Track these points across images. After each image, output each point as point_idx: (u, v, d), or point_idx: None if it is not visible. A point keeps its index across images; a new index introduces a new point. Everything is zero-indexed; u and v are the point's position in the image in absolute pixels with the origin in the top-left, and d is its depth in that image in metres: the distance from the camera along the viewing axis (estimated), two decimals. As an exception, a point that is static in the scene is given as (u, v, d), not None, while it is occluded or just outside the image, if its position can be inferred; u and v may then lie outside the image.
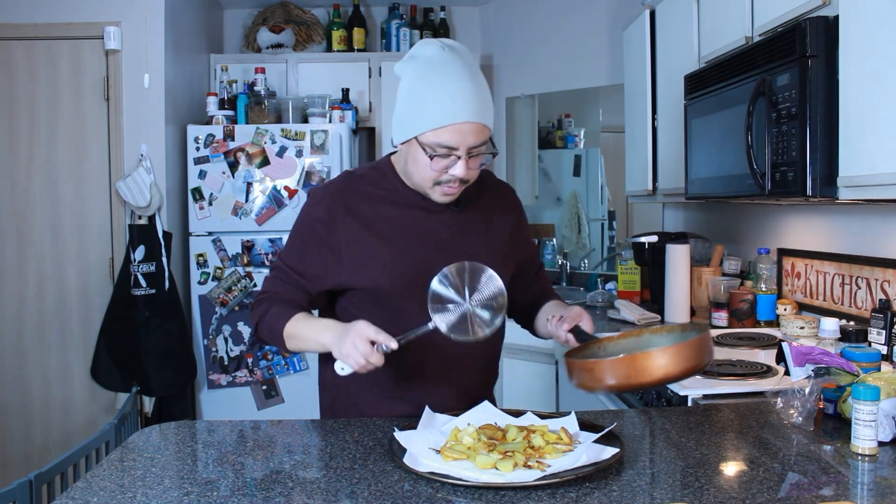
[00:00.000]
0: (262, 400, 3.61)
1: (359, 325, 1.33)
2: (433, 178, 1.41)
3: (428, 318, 1.34)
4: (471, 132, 1.36)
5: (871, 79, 1.56)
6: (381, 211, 1.48)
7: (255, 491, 1.16)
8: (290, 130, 3.58)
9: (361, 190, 1.50)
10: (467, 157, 1.38)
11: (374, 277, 1.46)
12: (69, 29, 3.36)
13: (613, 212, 4.17)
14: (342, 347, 1.33)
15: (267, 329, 1.50)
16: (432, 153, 1.37)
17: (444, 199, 1.45)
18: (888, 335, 1.89)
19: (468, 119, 1.35)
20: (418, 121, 1.37)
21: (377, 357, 1.31)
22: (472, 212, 1.54)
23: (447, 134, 1.35)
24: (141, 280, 3.36)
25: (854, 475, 1.22)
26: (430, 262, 1.42)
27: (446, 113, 1.35)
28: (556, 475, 1.14)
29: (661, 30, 2.90)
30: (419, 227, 1.48)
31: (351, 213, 1.47)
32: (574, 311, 1.49)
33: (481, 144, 1.39)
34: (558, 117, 4.37)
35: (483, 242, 1.53)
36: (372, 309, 1.47)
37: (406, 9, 4.36)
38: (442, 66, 1.37)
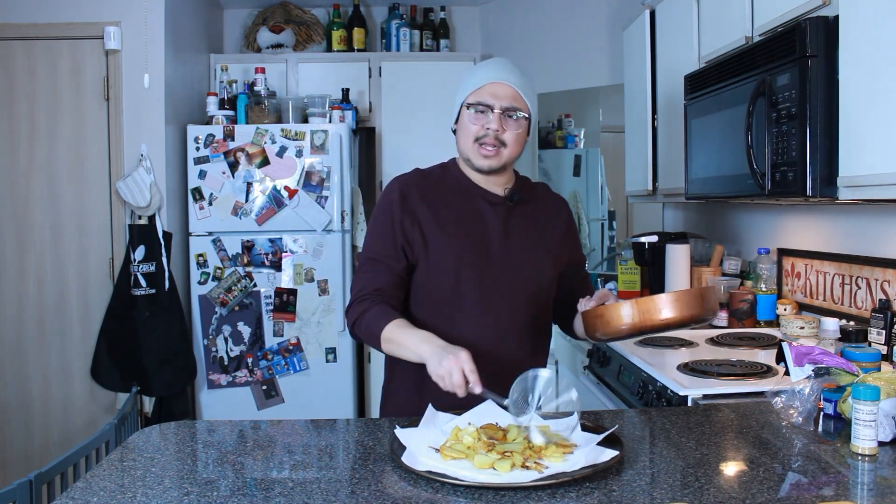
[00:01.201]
0: (262, 400, 3.61)
1: (462, 354, 1.38)
2: (473, 133, 1.59)
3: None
4: (505, 94, 1.57)
5: (871, 79, 1.56)
6: (447, 199, 1.64)
7: (255, 491, 1.16)
8: (290, 130, 3.58)
9: (430, 181, 1.67)
10: (502, 115, 1.57)
11: (438, 254, 1.59)
12: (69, 29, 3.36)
13: (613, 212, 4.17)
14: (439, 368, 1.38)
15: (365, 329, 1.55)
16: (471, 105, 1.58)
17: (485, 163, 1.60)
18: (888, 335, 1.89)
19: (503, 80, 1.58)
20: (464, 90, 1.62)
21: (462, 391, 1.36)
22: (528, 212, 1.69)
23: (484, 91, 1.58)
24: (141, 280, 3.36)
25: (854, 475, 1.22)
26: (486, 247, 1.60)
27: (485, 76, 1.60)
28: (553, 476, 1.14)
29: (661, 30, 2.90)
30: (479, 215, 1.63)
31: (422, 198, 1.63)
32: (602, 291, 1.60)
33: (514, 108, 1.58)
34: (558, 117, 4.37)
35: (533, 237, 1.67)
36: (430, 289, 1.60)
37: (406, 9, 4.36)
38: (492, 59, 1.69)
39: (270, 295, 3.58)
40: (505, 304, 1.61)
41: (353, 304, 1.59)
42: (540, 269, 1.66)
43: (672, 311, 1.42)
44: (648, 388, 1.93)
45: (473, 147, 1.60)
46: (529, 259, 1.64)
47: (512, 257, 1.62)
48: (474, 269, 1.59)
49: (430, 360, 1.41)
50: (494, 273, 1.60)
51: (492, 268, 1.60)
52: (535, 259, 1.65)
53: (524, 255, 1.63)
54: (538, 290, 1.67)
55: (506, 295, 1.61)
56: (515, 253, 1.62)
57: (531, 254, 1.64)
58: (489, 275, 1.60)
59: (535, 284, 1.66)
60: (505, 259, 1.61)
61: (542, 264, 1.66)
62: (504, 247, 1.62)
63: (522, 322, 1.64)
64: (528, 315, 1.65)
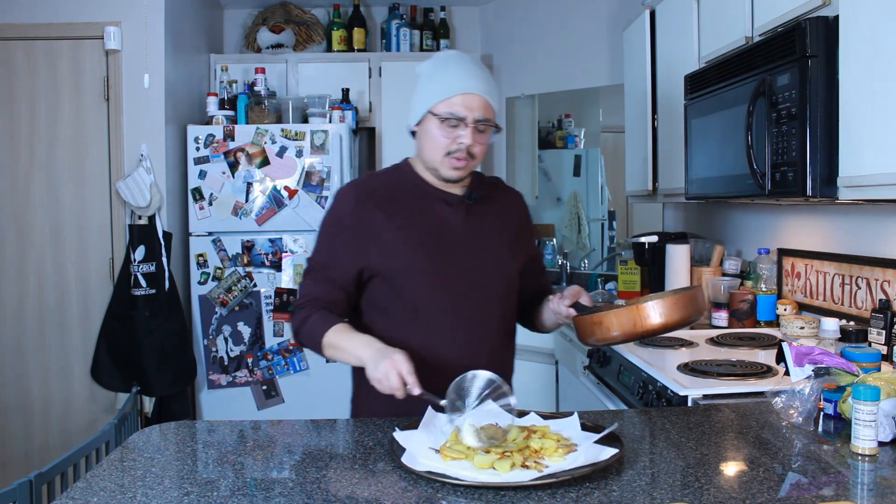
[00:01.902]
0: (262, 400, 3.61)
1: (397, 356, 1.39)
2: (444, 147, 1.53)
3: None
4: (478, 105, 1.52)
5: (871, 79, 1.56)
6: (403, 203, 1.59)
7: (255, 491, 1.16)
8: (290, 130, 3.58)
9: (384, 185, 1.62)
10: (474, 128, 1.52)
11: (398, 262, 1.55)
12: (69, 29, 3.36)
13: (613, 212, 4.17)
14: (376, 371, 1.40)
15: (307, 335, 1.55)
16: (442, 118, 1.52)
17: (454, 174, 1.56)
18: (888, 335, 1.89)
19: (475, 91, 1.52)
20: (432, 95, 1.54)
21: (401, 393, 1.38)
22: (486, 209, 1.65)
23: (456, 103, 1.51)
24: (141, 280, 3.36)
25: (854, 475, 1.22)
26: (448, 249, 1.57)
27: (456, 85, 1.52)
28: (552, 475, 1.14)
29: (661, 30, 2.90)
30: (438, 217, 1.59)
31: (376, 205, 1.57)
32: (573, 288, 1.60)
33: (486, 120, 1.54)
34: (558, 117, 4.37)
35: (495, 234, 1.64)
36: (394, 298, 1.57)
37: (406, 9, 4.36)
38: (455, 57, 1.59)
39: (270, 295, 3.58)
40: (476, 305, 1.58)
41: (294, 312, 1.59)
42: (506, 267, 1.65)
43: (668, 315, 1.45)
44: (648, 388, 1.93)
45: (443, 159, 1.54)
46: (494, 257, 1.62)
47: (477, 257, 1.59)
48: (441, 273, 1.55)
49: (368, 363, 1.42)
50: (462, 275, 1.57)
51: (457, 270, 1.57)
52: (499, 256, 1.63)
53: (489, 254, 1.61)
54: (506, 288, 1.66)
55: (476, 296, 1.58)
56: (480, 252, 1.60)
57: (495, 251, 1.62)
58: (457, 278, 1.57)
59: (503, 282, 1.64)
60: (470, 260, 1.58)
61: (507, 261, 1.65)
62: (468, 247, 1.58)
63: (494, 321, 1.63)
64: (498, 314, 1.64)
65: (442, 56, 1.60)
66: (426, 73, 1.58)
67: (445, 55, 1.60)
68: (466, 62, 1.57)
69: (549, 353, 3.31)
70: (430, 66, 1.59)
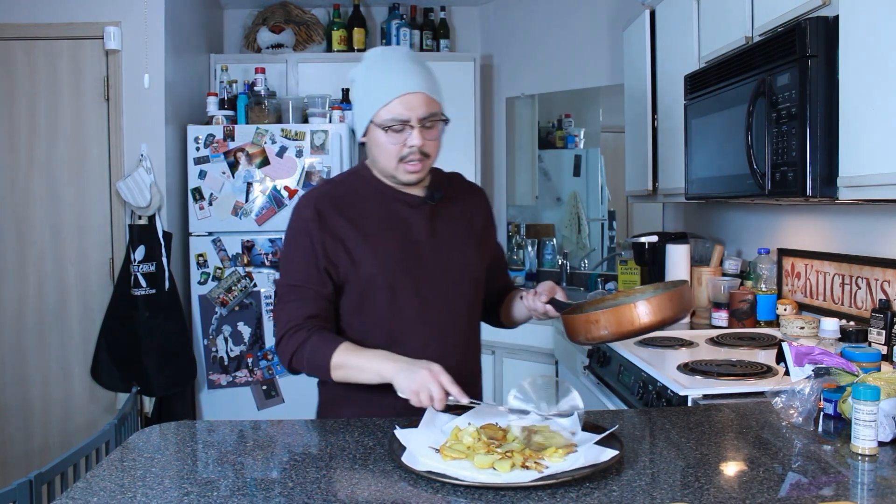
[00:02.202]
0: (262, 400, 3.61)
1: (434, 366, 1.36)
2: (395, 154, 1.50)
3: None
4: (419, 103, 1.48)
5: (871, 79, 1.56)
6: (365, 208, 1.56)
7: (255, 491, 1.16)
8: (290, 130, 3.58)
9: (344, 192, 1.58)
10: (421, 127, 1.48)
11: (365, 270, 1.51)
12: (69, 29, 3.36)
13: (613, 212, 4.17)
14: (412, 383, 1.35)
15: (308, 360, 1.48)
16: (387, 127, 1.47)
17: (411, 178, 1.53)
18: (888, 335, 1.89)
19: (414, 89, 1.47)
20: (371, 105, 1.49)
21: (442, 405, 1.34)
22: (448, 206, 1.63)
23: (397, 107, 1.47)
24: (141, 280, 3.35)
25: (854, 475, 1.22)
26: (414, 252, 1.54)
27: (392, 88, 1.47)
28: (553, 476, 1.14)
29: (661, 30, 2.90)
30: (402, 220, 1.56)
31: (338, 213, 1.54)
32: (547, 284, 1.60)
33: (431, 116, 1.50)
34: (558, 117, 4.37)
35: (460, 234, 1.62)
36: (364, 305, 1.54)
37: (406, 9, 4.36)
38: (385, 57, 1.53)
39: (270, 295, 3.58)
40: (446, 308, 1.57)
41: (284, 337, 1.50)
42: (473, 267, 1.63)
43: (663, 312, 1.46)
44: (648, 388, 1.93)
45: (398, 166, 1.51)
46: (461, 258, 1.60)
47: (443, 258, 1.57)
48: (408, 277, 1.53)
49: (397, 377, 1.37)
50: (429, 277, 1.55)
51: (425, 273, 1.55)
52: (466, 257, 1.61)
53: (455, 256, 1.59)
54: (474, 287, 1.65)
55: (445, 298, 1.57)
56: (446, 253, 1.57)
57: (462, 252, 1.60)
58: (424, 280, 1.54)
59: (471, 283, 1.63)
60: (437, 261, 1.56)
61: (474, 261, 1.63)
62: (433, 249, 1.56)
63: (463, 322, 1.62)
64: (467, 314, 1.63)
65: (371, 59, 1.54)
66: (359, 81, 1.54)
67: (373, 57, 1.54)
68: (397, 60, 1.51)
69: (549, 354, 3.31)
70: (362, 72, 1.53)
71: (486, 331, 1.84)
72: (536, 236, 4.33)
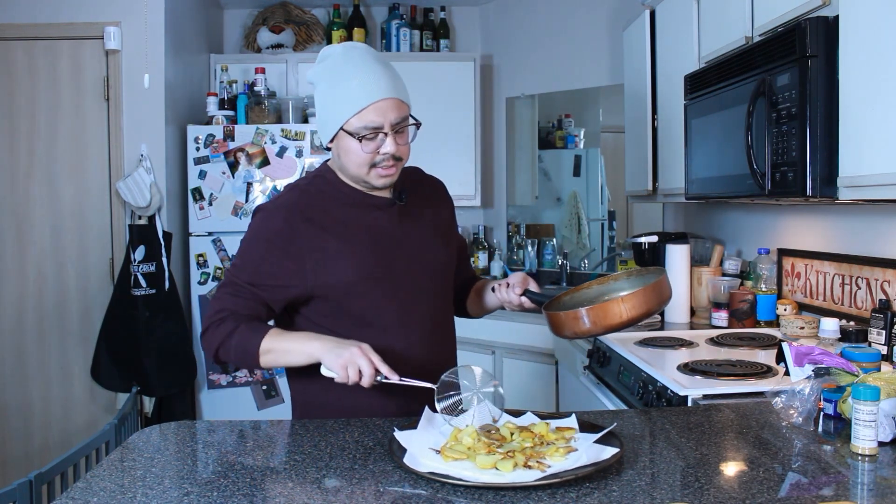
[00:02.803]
0: (262, 400, 3.61)
1: (364, 345, 1.38)
2: (368, 161, 1.47)
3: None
4: (390, 108, 1.45)
5: (871, 79, 1.56)
6: (334, 214, 1.53)
7: (255, 491, 1.16)
8: (290, 130, 3.58)
9: (311, 198, 1.54)
10: (393, 133, 1.46)
11: (340, 276, 1.49)
12: (69, 29, 3.37)
13: (613, 212, 4.17)
14: (340, 358, 1.37)
15: (235, 348, 1.46)
16: (360, 136, 1.45)
17: (384, 182, 1.51)
18: (888, 335, 1.89)
19: (384, 96, 1.44)
20: (340, 112, 1.45)
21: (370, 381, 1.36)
22: (415, 205, 1.62)
23: (369, 114, 1.44)
24: (141, 280, 3.36)
25: (854, 475, 1.22)
26: (388, 254, 1.53)
27: (363, 95, 1.43)
28: (556, 475, 1.14)
29: (661, 30, 2.90)
30: (371, 223, 1.55)
31: (307, 220, 1.50)
32: (519, 276, 1.61)
33: (403, 120, 1.48)
34: (558, 117, 4.37)
35: (430, 232, 1.62)
36: (338, 313, 1.52)
37: (406, 9, 4.36)
38: (348, 59, 1.47)
39: (270, 295, 3.58)
40: (425, 307, 1.58)
41: (210, 328, 1.48)
42: (444, 261, 1.64)
43: (639, 308, 1.48)
44: (648, 388, 1.93)
45: (370, 171, 1.49)
46: (432, 257, 1.60)
47: (415, 260, 1.56)
48: (385, 282, 1.52)
49: (325, 355, 1.39)
50: (405, 280, 1.54)
51: (401, 274, 1.54)
52: (437, 255, 1.61)
53: (427, 255, 1.59)
54: (447, 282, 1.66)
55: (423, 298, 1.57)
56: (418, 252, 1.57)
57: (432, 251, 1.60)
58: (399, 284, 1.54)
59: (444, 280, 1.64)
60: (411, 263, 1.56)
61: (444, 258, 1.64)
62: (406, 249, 1.56)
63: (439, 320, 1.63)
64: (441, 309, 1.64)
65: (333, 61, 1.48)
66: (324, 85, 1.49)
67: (337, 58, 1.48)
68: (363, 62, 1.46)
69: (549, 354, 3.31)
70: (325, 74, 1.48)
71: (487, 331, 1.86)
72: (536, 236, 4.33)
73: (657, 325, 2.68)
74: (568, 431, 1.32)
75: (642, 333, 2.48)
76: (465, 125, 4.04)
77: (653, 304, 1.49)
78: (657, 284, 1.52)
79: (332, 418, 1.53)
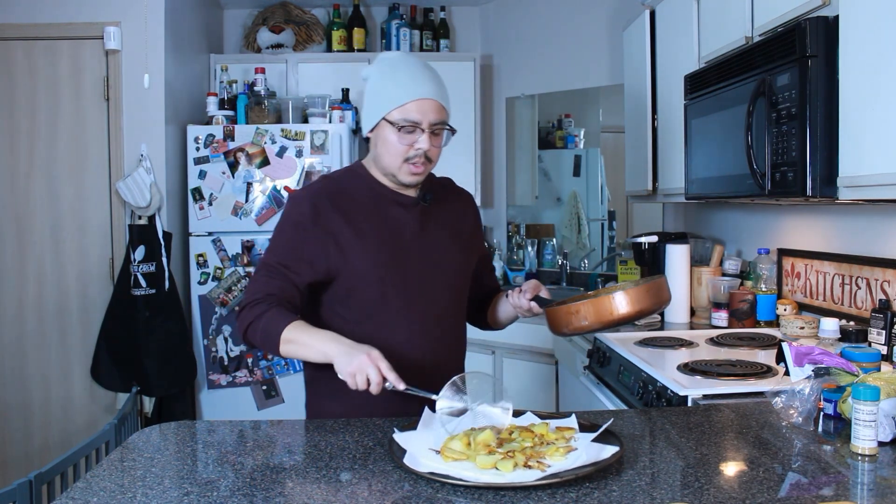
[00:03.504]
0: (262, 400, 3.61)
1: (374, 352, 1.39)
2: (402, 153, 1.55)
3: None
4: (431, 109, 1.54)
5: (871, 79, 1.56)
6: (360, 206, 1.61)
7: (255, 491, 1.16)
8: (290, 130, 3.58)
9: (340, 189, 1.63)
10: (430, 132, 1.54)
11: (356, 264, 1.56)
12: (69, 29, 3.36)
13: (613, 212, 4.17)
14: (349, 365, 1.39)
15: (262, 331, 1.51)
16: (399, 126, 1.53)
17: (412, 179, 1.58)
18: (888, 335, 1.89)
19: (428, 96, 1.54)
20: (385, 103, 1.55)
21: (378, 389, 1.38)
22: (439, 208, 1.69)
23: (411, 109, 1.53)
24: (141, 280, 3.35)
25: (854, 475, 1.22)
26: (403, 250, 1.60)
27: (409, 91, 1.53)
28: (556, 475, 1.14)
29: (661, 30, 2.90)
30: (394, 219, 1.62)
31: (333, 206, 1.58)
32: (532, 283, 1.67)
33: (440, 123, 1.56)
34: (558, 117, 4.37)
35: (449, 235, 1.68)
36: (352, 298, 1.59)
37: (406, 9, 4.36)
38: (403, 60, 1.60)
39: (270, 295, 3.58)
40: (430, 304, 1.62)
41: (245, 309, 1.54)
42: (460, 265, 1.69)
43: (635, 304, 1.51)
44: (648, 388, 1.93)
45: (402, 166, 1.56)
46: (448, 258, 1.66)
47: (431, 258, 1.63)
48: (396, 274, 1.58)
49: (337, 358, 1.41)
50: (416, 275, 1.60)
51: (413, 271, 1.60)
52: (453, 256, 1.67)
53: (443, 255, 1.65)
54: (459, 287, 1.71)
55: (430, 295, 1.62)
56: (434, 253, 1.63)
57: (449, 252, 1.66)
58: (412, 278, 1.60)
59: (457, 281, 1.69)
60: (425, 260, 1.62)
61: (461, 260, 1.69)
62: (422, 248, 1.62)
63: (448, 320, 1.67)
64: (451, 312, 1.68)
65: (390, 60, 1.60)
66: (376, 80, 1.59)
67: (393, 59, 1.60)
68: (416, 66, 1.57)
69: (549, 354, 3.31)
70: (379, 71, 1.59)
71: (487, 331, 1.86)
72: (536, 236, 4.33)
73: (657, 325, 2.68)
74: (568, 431, 1.32)
75: (642, 333, 2.48)
76: (465, 125, 4.04)
77: (646, 303, 1.52)
78: (653, 285, 1.55)
79: (342, 409, 1.58)
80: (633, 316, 1.53)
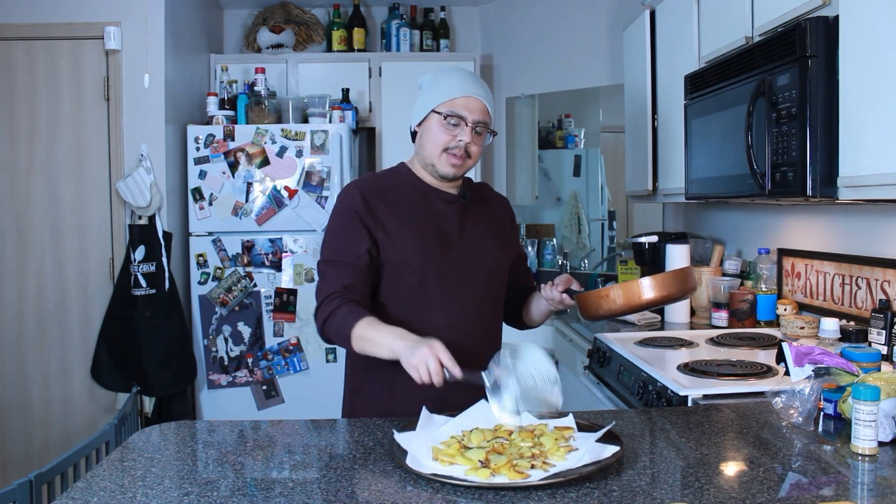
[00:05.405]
0: (262, 400, 3.61)
1: (435, 343, 1.42)
2: (444, 143, 1.64)
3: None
4: (477, 108, 1.65)
5: (871, 79, 1.56)
6: (404, 199, 1.71)
7: (255, 491, 1.16)
8: (290, 130, 3.58)
9: (386, 183, 1.73)
10: (472, 129, 1.64)
11: (400, 253, 1.65)
12: (69, 29, 3.36)
13: (613, 212, 4.17)
14: (413, 358, 1.42)
15: (335, 328, 1.57)
16: (445, 116, 1.63)
17: (450, 171, 1.67)
18: (888, 335, 1.89)
19: (476, 95, 1.65)
20: (435, 97, 1.66)
21: (439, 378, 1.40)
22: (477, 208, 1.78)
23: (459, 104, 1.64)
24: (141, 280, 3.35)
25: (854, 475, 1.22)
26: (445, 240, 1.69)
27: (458, 88, 1.65)
28: (558, 475, 1.14)
29: (661, 30, 2.90)
30: (436, 212, 1.71)
31: (381, 199, 1.68)
32: (564, 276, 1.75)
33: (484, 123, 1.66)
34: (558, 117, 4.37)
35: (486, 232, 1.77)
36: (394, 285, 1.67)
37: (406, 9, 4.36)
38: (457, 67, 1.75)
39: (270, 295, 3.58)
40: (468, 292, 1.69)
41: (321, 305, 1.61)
42: (496, 258, 1.77)
43: (663, 289, 1.60)
44: (648, 388, 1.93)
45: (441, 155, 1.66)
46: (486, 249, 1.74)
47: (470, 249, 1.71)
48: (438, 262, 1.66)
49: (403, 353, 1.45)
50: (456, 264, 1.68)
51: (453, 260, 1.68)
52: (491, 248, 1.75)
53: (481, 246, 1.73)
54: (497, 278, 1.78)
55: (468, 283, 1.69)
56: (473, 244, 1.72)
57: (487, 244, 1.75)
58: (452, 266, 1.68)
59: (494, 272, 1.76)
60: (464, 251, 1.70)
61: (498, 253, 1.77)
62: (462, 240, 1.71)
63: (483, 308, 1.73)
64: (488, 301, 1.75)
65: (445, 67, 1.76)
66: (430, 81, 1.72)
67: (448, 66, 1.77)
68: (468, 72, 1.72)
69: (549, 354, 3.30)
70: (434, 75, 1.73)
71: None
72: (536, 236, 4.33)
73: (657, 325, 2.68)
74: (567, 431, 1.32)
75: (642, 333, 2.48)
76: (465, 125, 4.04)
77: (673, 289, 1.61)
78: (680, 272, 1.64)
79: (376, 404, 1.65)
80: (660, 300, 1.61)
